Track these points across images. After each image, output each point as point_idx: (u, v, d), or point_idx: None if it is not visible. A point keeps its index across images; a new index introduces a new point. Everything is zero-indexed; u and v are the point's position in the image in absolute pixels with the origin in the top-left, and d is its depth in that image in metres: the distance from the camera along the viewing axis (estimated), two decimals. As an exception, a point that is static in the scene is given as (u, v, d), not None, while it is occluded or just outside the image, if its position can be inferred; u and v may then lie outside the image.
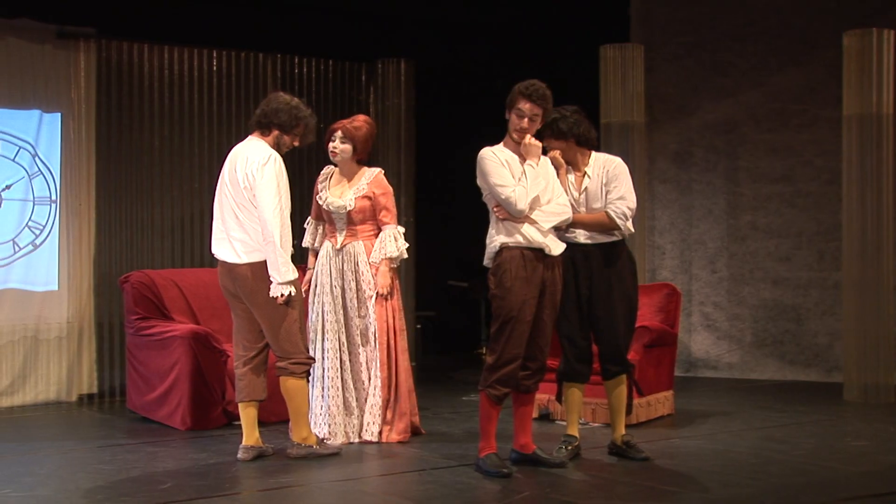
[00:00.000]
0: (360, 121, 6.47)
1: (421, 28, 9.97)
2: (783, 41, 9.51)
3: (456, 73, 10.55)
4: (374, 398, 6.31)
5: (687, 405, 7.71)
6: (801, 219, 9.46)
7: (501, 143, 5.62)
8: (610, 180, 5.78)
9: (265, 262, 5.60)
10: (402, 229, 6.48)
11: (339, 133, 6.40)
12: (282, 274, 5.56)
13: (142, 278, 7.49)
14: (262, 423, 6.00)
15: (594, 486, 5.26)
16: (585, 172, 5.82)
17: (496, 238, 5.51)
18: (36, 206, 8.05)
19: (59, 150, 8.13)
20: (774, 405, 7.81)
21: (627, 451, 5.83)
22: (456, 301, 10.88)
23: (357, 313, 6.35)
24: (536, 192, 5.45)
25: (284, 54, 9.18)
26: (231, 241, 5.71)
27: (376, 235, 6.42)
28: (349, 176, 6.46)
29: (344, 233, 6.40)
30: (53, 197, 8.11)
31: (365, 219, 6.38)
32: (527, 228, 5.44)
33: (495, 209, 5.52)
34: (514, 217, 5.43)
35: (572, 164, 5.84)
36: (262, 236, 5.60)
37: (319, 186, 6.51)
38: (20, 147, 8.01)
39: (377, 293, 6.34)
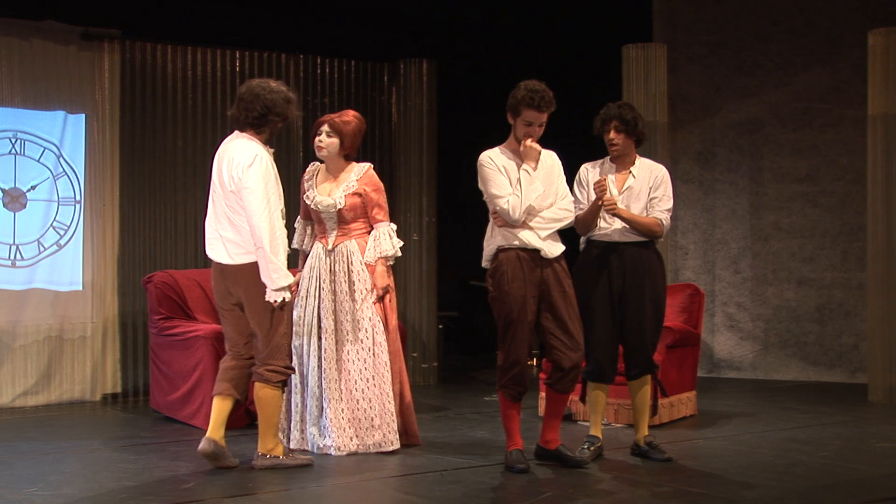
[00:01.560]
0: (349, 115, 6.14)
1: (443, 28, 9.97)
2: (808, 40, 9.46)
3: (478, 74, 10.54)
4: (385, 406, 5.98)
5: (710, 406, 7.68)
6: (826, 219, 9.41)
7: (503, 146, 5.61)
8: (657, 186, 5.78)
9: (256, 263, 5.36)
10: (394, 226, 6.16)
11: (325, 127, 6.06)
12: (274, 280, 5.30)
13: (165, 278, 7.53)
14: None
15: (617, 487, 5.25)
16: (631, 172, 5.81)
17: (493, 240, 5.56)
18: (60, 207, 8.10)
19: (84, 150, 8.18)
20: (798, 406, 7.77)
21: (650, 452, 5.82)
22: (478, 301, 10.86)
23: (350, 316, 5.99)
24: (531, 200, 5.44)
25: (307, 55, 9.20)
26: (223, 242, 5.46)
27: (369, 233, 6.10)
28: (336, 172, 6.12)
29: (335, 232, 6.08)
30: (78, 197, 8.16)
31: (356, 217, 6.06)
32: (524, 233, 5.47)
33: (493, 215, 5.57)
34: (511, 225, 5.46)
35: (621, 158, 5.82)
36: (251, 240, 5.35)
37: (306, 185, 6.17)
38: (45, 148, 8.06)
39: (376, 294, 6.03)
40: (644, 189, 5.78)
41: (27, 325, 7.91)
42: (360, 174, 6.08)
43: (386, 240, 6.06)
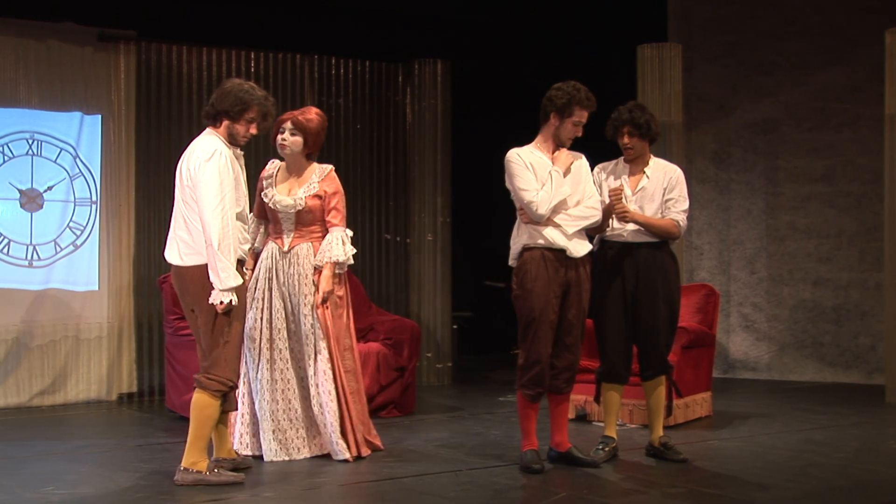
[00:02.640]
0: (311, 112, 5.87)
1: (457, 29, 9.97)
2: (825, 39, 9.42)
3: (492, 74, 10.54)
4: (326, 413, 5.73)
5: (725, 407, 7.66)
6: (842, 219, 9.37)
7: (532, 144, 5.61)
8: (672, 187, 5.77)
9: (206, 265, 5.06)
10: (350, 233, 5.89)
11: (288, 124, 5.77)
12: (222, 280, 4.99)
13: (181, 278, 7.53)
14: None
15: (631, 488, 5.24)
16: (644, 172, 5.80)
17: (519, 239, 5.56)
18: (77, 207, 8.14)
19: (100, 151, 8.21)
20: (814, 407, 7.74)
21: (665, 453, 5.81)
22: (492, 301, 10.87)
23: (305, 321, 5.74)
24: (559, 198, 5.45)
25: (322, 55, 9.22)
26: (177, 242, 5.19)
27: (324, 237, 5.86)
28: (298, 172, 5.86)
29: (292, 234, 5.82)
30: (94, 198, 8.19)
31: (315, 219, 5.81)
32: (549, 231, 5.47)
33: (519, 212, 5.55)
34: (536, 221, 5.45)
35: (635, 161, 5.81)
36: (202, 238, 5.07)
37: (264, 183, 5.91)
38: (61, 149, 8.10)
39: (319, 298, 5.74)
40: (658, 190, 5.77)
41: (44, 325, 7.95)
42: (322, 175, 5.86)
43: (338, 245, 5.78)
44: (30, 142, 8.02)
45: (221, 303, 5.02)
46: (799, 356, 9.48)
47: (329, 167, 5.91)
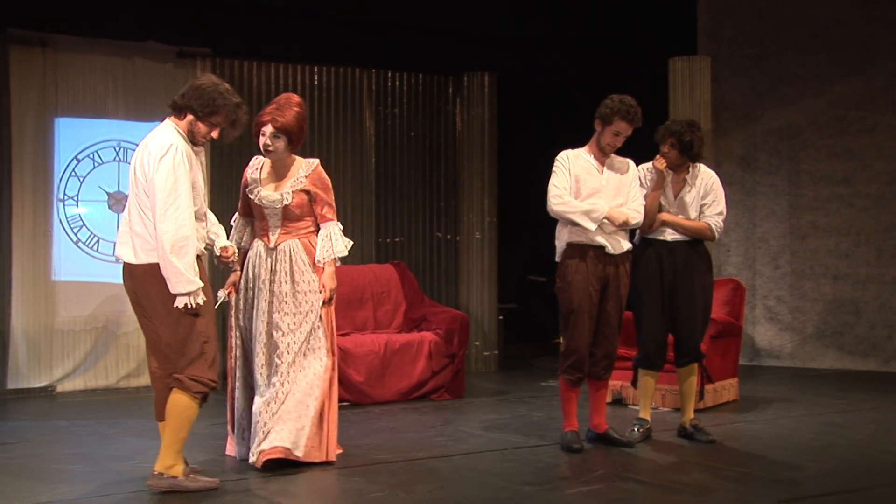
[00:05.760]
0: (290, 108, 5.15)
1: (503, 43, 9.96)
2: (844, 52, 9.31)
3: (535, 85, 10.52)
4: (304, 410, 5.09)
5: (751, 392, 7.60)
6: (861, 218, 9.26)
7: (584, 147, 5.61)
8: (708, 193, 5.77)
9: None
10: (341, 226, 5.32)
11: (269, 129, 5.10)
12: (173, 285, 4.36)
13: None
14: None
15: (664, 466, 5.22)
16: (686, 180, 5.78)
17: (562, 237, 5.57)
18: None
19: (179, 157, 8.28)
20: (834, 393, 7.65)
21: (695, 434, 5.78)
22: (535, 294, 10.86)
23: (290, 318, 5.13)
24: (572, 216, 5.43)
25: (379, 69, 9.26)
26: (132, 237, 4.50)
27: (315, 233, 5.26)
28: (283, 168, 5.25)
29: (278, 230, 5.21)
30: (173, 199, 8.26)
31: (302, 214, 5.21)
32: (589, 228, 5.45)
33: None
34: (548, 208, 5.50)
35: (674, 169, 5.79)
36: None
37: (249, 180, 5.30)
38: (144, 155, 8.19)
39: (323, 297, 5.19)
40: (696, 196, 5.77)
41: (129, 315, 8.02)
42: (308, 170, 5.25)
43: (338, 240, 5.24)
44: (116, 149, 8.14)
45: (186, 305, 4.42)
46: (820, 345, 9.37)
47: (315, 161, 5.31)
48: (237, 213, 5.43)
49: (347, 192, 9.01)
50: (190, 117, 4.58)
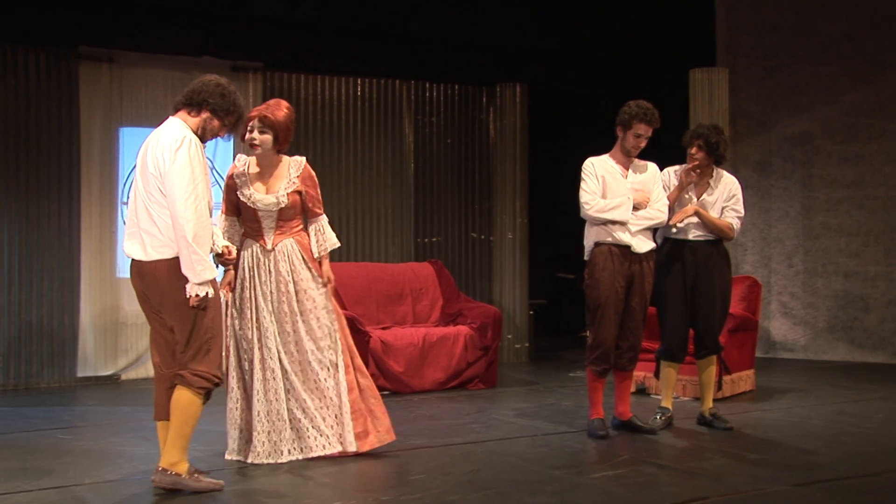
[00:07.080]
0: (280, 107, 5.00)
1: (533, 56, 9.98)
2: (855, 63, 9.25)
3: (563, 95, 10.53)
4: (342, 405, 4.99)
5: (767, 382, 7.58)
6: (870, 219, 9.20)
7: (608, 154, 5.64)
8: (730, 197, 5.79)
9: (177, 258, 4.20)
10: (326, 218, 5.16)
11: (256, 122, 4.90)
12: (197, 273, 4.14)
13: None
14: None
15: (685, 452, 5.24)
16: (709, 184, 5.80)
17: (590, 237, 5.59)
18: (214, 212, 8.31)
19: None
20: (845, 383, 7.62)
21: (714, 422, 5.79)
22: (564, 290, 10.87)
23: (300, 317, 4.96)
24: (606, 211, 5.45)
25: (417, 80, 9.31)
26: (141, 235, 4.26)
27: (304, 230, 5.08)
28: (270, 168, 5.00)
29: (273, 231, 4.98)
30: (227, 203, 8.34)
31: (295, 214, 5.01)
32: (616, 229, 5.47)
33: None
34: (583, 216, 5.53)
35: (702, 170, 5.79)
36: (173, 231, 4.19)
37: (237, 181, 5.01)
38: (201, 162, 8.28)
39: (330, 288, 5.05)
40: (719, 199, 5.78)
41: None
42: (298, 170, 5.03)
43: (330, 232, 5.11)
44: (176, 156, 8.24)
45: (197, 296, 4.18)
46: (831, 339, 9.32)
47: (302, 159, 5.08)
48: (220, 213, 5.12)
49: (388, 195, 9.09)
50: (206, 114, 4.37)
